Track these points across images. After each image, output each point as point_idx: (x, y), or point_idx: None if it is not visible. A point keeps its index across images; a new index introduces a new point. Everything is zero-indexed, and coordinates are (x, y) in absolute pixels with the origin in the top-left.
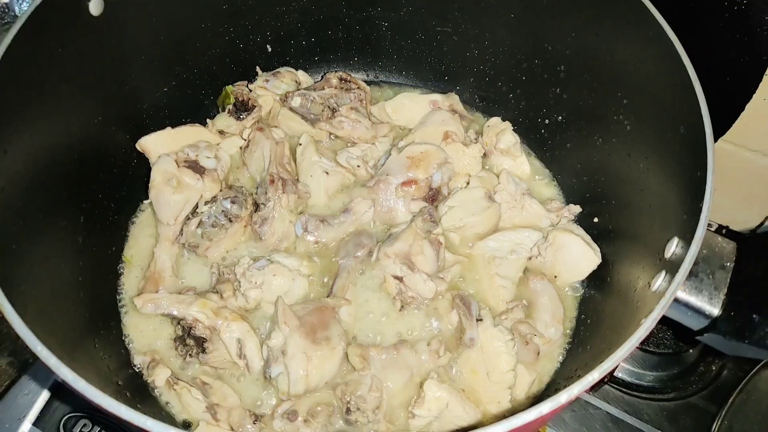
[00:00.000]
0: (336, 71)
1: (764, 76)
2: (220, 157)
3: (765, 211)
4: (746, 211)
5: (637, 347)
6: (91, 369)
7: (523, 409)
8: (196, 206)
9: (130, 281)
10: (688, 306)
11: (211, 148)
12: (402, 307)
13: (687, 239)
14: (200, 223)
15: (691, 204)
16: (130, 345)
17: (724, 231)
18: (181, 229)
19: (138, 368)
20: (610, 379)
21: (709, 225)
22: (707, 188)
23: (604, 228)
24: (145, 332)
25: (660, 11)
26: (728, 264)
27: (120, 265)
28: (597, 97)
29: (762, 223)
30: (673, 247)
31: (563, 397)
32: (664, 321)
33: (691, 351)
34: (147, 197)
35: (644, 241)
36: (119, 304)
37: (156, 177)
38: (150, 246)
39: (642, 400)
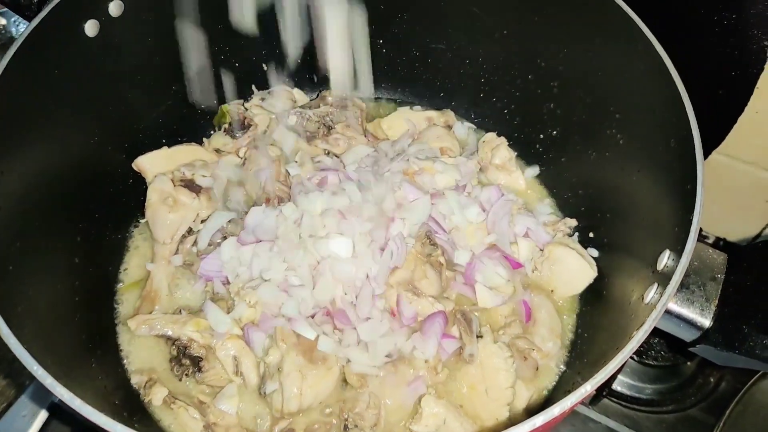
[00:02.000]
0: (331, 89)
1: (755, 89)
2: (216, 176)
3: (761, 223)
4: (743, 223)
5: (635, 360)
6: (89, 389)
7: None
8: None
9: (127, 301)
10: (680, 318)
11: (206, 167)
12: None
13: (678, 251)
14: (196, 242)
15: (682, 216)
16: (128, 364)
17: (721, 243)
18: (177, 248)
19: (135, 387)
20: (609, 392)
21: (706, 237)
22: (697, 200)
23: (599, 241)
24: (142, 351)
25: (651, 27)
26: (719, 276)
27: (117, 284)
28: (590, 111)
29: (759, 235)
30: (665, 260)
31: (556, 410)
32: (658, 333)
33: (689, 363)
34: (143, 216)
35: (638, 254)
36: (116, 323)
37: (152, 196)
38: (146, 265)
39: (641, 413)
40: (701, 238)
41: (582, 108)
